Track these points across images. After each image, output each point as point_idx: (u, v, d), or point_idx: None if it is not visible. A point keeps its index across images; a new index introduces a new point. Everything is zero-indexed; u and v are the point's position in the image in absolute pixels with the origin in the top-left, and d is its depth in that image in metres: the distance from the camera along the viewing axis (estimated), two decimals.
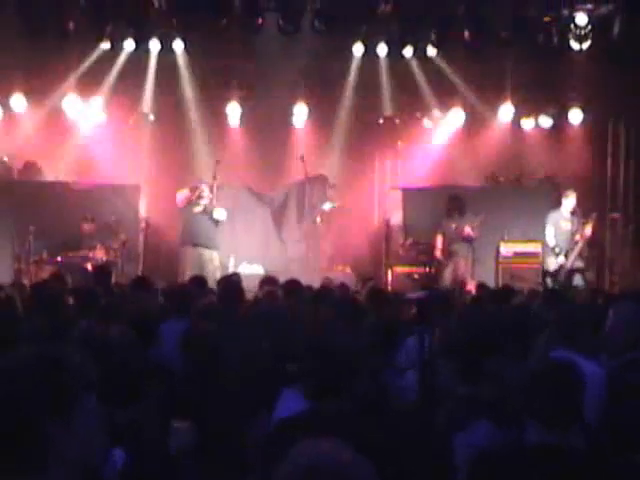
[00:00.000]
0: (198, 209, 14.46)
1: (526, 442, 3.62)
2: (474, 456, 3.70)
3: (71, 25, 14.91)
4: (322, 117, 16.75)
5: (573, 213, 14.72)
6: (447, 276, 14.72)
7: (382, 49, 15.92)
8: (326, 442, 2.49)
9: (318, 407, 3.92)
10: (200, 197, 14.48)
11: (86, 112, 16.26)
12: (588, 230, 14.61)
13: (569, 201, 14.72)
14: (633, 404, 4.95)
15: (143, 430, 4.04)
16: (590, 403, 4.06)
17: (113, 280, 11.57)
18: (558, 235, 14.70)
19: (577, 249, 14.61)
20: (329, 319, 7.11)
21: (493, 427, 4.32)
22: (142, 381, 4.42)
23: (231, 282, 9.12)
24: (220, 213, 14.55)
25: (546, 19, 15.03)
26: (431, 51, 15.98)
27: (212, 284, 10.18)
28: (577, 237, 14.59)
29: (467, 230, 14.73)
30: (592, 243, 15.82)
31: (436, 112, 16.90)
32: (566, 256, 14.59)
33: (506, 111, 16.76)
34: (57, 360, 3.11)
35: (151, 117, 16.66)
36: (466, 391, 4.75)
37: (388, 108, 16.85)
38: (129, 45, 15.70)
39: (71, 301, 8.10)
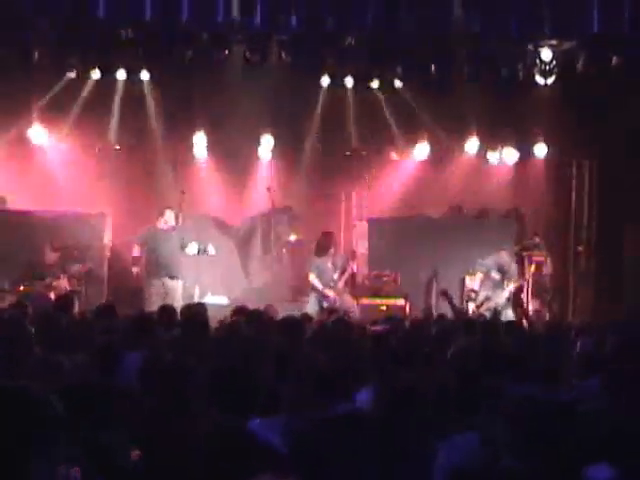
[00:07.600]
0: (161, 226, 14.42)
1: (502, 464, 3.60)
2: (452, 471, 3.68)
3: (36, 54, 14.84)
4: (289, 148, 16.78)
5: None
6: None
7: (349, 81, 15.98)
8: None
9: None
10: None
11: (51, 141, 16.17)
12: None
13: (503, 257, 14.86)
14: None
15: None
16: None
17: (76, 309, 11.41)
18: (485, 282, 14.87)
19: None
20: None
21: (478, 442, 4.30)
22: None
23: (194, 312, 9.04)
24: (192, 248, 14.55)
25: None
26: (397, 84, 16.07)
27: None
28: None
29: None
30: (554, 278, 15.95)
31: (402, 144, 17.00)
32: (481, 305, 14.74)
33: (471, 144, 16.87)
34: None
35: (117, 147, 16.61)
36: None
37: (355, 140, 16.91)
38: (95, 74, 15.65)
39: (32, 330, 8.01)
